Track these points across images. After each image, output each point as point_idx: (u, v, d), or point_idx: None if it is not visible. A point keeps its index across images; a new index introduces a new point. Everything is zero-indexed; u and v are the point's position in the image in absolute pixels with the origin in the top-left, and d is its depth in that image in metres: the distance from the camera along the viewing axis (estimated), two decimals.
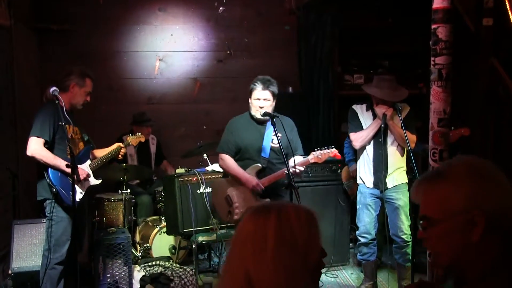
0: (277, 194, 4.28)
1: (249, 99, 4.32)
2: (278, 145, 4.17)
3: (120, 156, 4.70)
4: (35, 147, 4.07)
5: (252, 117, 4.34)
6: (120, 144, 4.69)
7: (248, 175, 4.21)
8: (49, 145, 4.15)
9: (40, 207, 4.37)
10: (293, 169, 4.00)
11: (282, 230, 1.45)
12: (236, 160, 4.36)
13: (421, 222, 1.54)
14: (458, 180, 1.47)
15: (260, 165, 4.25)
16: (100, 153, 4.61)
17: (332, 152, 4.15)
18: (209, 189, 5.08)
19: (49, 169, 4.12)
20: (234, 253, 1.51)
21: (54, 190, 4.11)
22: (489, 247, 1.44)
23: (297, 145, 4.40)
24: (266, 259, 1.42)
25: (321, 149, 4.16)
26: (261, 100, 4.23)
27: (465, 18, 5.22)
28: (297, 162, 4.10)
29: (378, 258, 5.47)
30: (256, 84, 4.26)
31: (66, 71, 4.37)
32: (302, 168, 4.16)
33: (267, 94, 4.23)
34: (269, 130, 4.25)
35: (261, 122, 4.32)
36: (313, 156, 4.15)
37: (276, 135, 4.17)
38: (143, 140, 5.08)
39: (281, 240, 1.44)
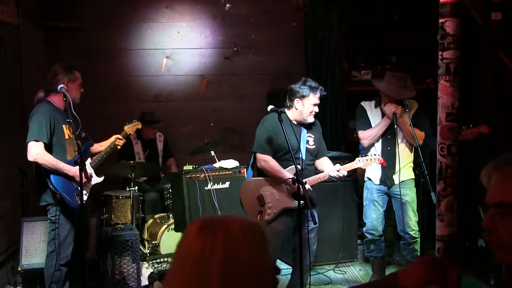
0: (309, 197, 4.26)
1: (297, 101, 4.27)
2: (313, 146, 4.32)
3: (118, 147, 4.64)
4: (37, 151, 3.94)
5: (287, 117, 4.31)
6: (118, 135, 4.65)
7: None
8: (48, 148, 4.02)
9: (42, 209, 4.33)
10: (338, 173, 4.20)
11: (229, 256, 1.31)
12: None
13: (493, 209, 1.40)
14: None
15: (299, 166, 4.19)
16: (98, 147, 4.54)
17: (380, 159, 4.31)
18: (216, 186, 5.08)
19: (51, 175, 4.02)
20: (174, 274, 1.39)
21: (58, 196, 4.03)
22: None
23: (324, 146, 4.53)
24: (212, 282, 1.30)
25: (367, 155, 4.33)
26: (317, 105, 4.29)
27: (473, 13, 5.18)
28: (343, 166, 4.25)
29: (389, 255, 5.46)
30: (314, 89, 4.25)
31: (50, 72, 4.22)
32: (345, 172, 4.27)
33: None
34: (304, 132, 4.31)
35: (297, 124, 4.34)
36: (359, 162, 4.30)
37: (310, 136, 4.32)
38: (139, 127, 4.96)
39: (227, 267, 1.31)
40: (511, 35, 5.20)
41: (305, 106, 4.24)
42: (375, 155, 4.35)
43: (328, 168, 4.33)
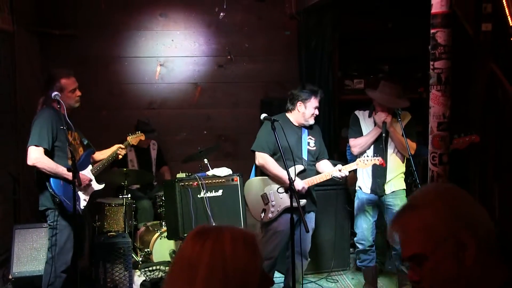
0: (312, 195, 4.55)
1: (300, 104, 4.48)
2: (314, 148, 4.54)
3: (119, 156, 4.67)
4: (36, 155, 3.98)
5: (289, 120, 4.55)
6: (120, 145, 4.67)
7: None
8: (49, 153, 4.06)
9: (41, 215, 4.32)
10: (340, 173, 4.35)
11: (215, 259, 1.37)
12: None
13: (410, 262, 1.45)
14: (432, 205, 1.42)
15: (302, 166, 4.44)
16: (100, 155, 4.58)
17: (379, 159, 4.41)
18: (209, 194, 5.08)
19: (51, 178, 4.04)
20: (170, 275, 1.46)
21: (57, 200, 4.04)
22: (490, 271, 1.38)
23: (325, 149, 4.71)
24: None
25: (367, 156, 4.48)
26: (317, 108, 4.50)
27: (464, 23, 5.23)
28: (344, 166, 4.41)
29: (381, 263, 5.47)
30: (315, 93, 4.49)
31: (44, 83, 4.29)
32: (347, 173, 4.42)
33: None
34: (305, 133, 4.54)
35: (298, 126, 4.56)
36: (359, 162, 4.44)
37: (311, 138, 4.54)
38: (143, 138, 5.02)
39: (213, 270, 1.36)
40: (501, 46, 5.24)
41: (307, 109, 4.47)
42: (375, 155, 4.46)
43: (329, 169, 4.49)
